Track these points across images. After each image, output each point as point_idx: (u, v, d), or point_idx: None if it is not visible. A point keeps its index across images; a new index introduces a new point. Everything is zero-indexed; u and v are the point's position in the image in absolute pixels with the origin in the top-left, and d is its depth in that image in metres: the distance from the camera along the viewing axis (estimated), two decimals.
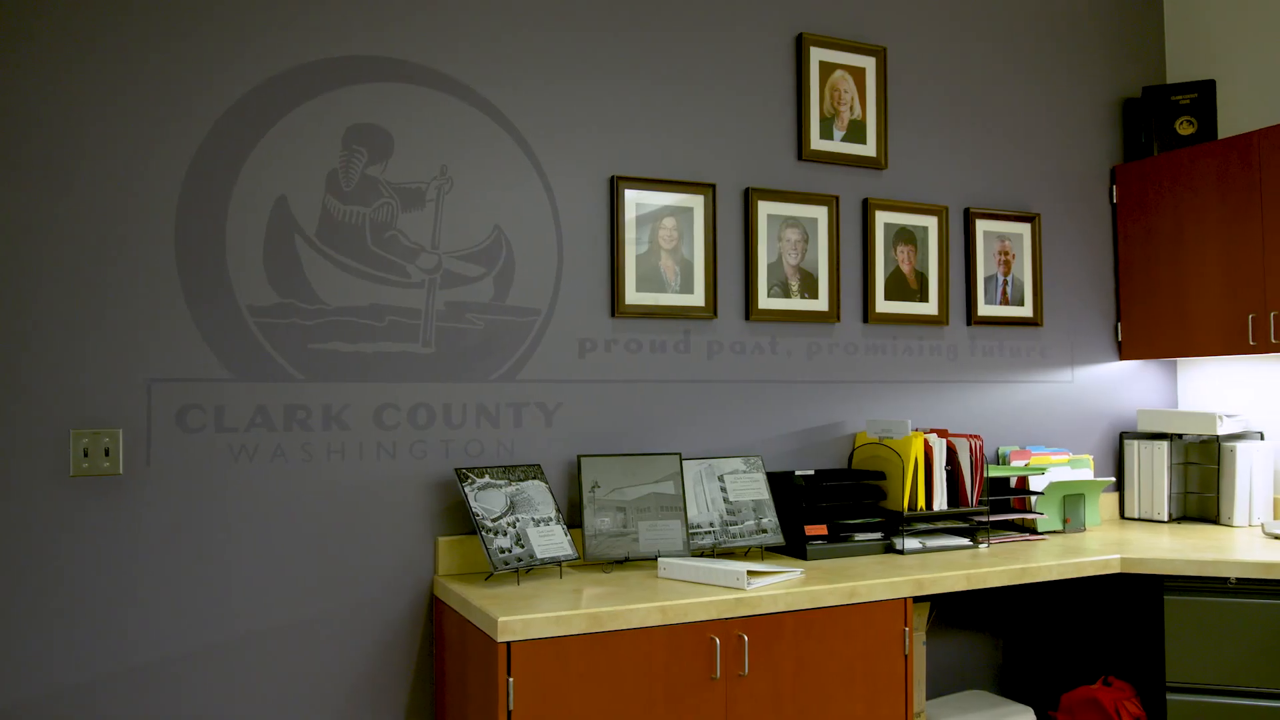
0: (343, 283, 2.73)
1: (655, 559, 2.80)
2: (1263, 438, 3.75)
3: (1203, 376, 4.07)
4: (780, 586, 2.56)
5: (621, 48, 3.12)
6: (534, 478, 2.80)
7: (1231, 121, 3.99)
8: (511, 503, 2.70)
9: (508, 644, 2.23)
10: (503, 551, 2.59)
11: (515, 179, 2.95)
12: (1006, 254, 3.75)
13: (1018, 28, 3.87)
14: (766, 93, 3.35)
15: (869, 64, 3.51)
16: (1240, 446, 3.64)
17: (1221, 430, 3.65)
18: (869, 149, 3.49)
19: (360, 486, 2.73)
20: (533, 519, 2.70)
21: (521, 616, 2.25)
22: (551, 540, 2.69)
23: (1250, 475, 3.63)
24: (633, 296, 3.07)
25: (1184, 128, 3.97)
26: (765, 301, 3.27)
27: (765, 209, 3.29)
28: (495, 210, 2.92)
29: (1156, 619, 3.08)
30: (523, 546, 2.63)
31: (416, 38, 2.85)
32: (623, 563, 2.86)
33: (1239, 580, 2.98)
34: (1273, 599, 2.97)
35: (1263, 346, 3.48)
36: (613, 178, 3.07)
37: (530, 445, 2.94)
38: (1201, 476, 3.78)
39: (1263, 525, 3.50)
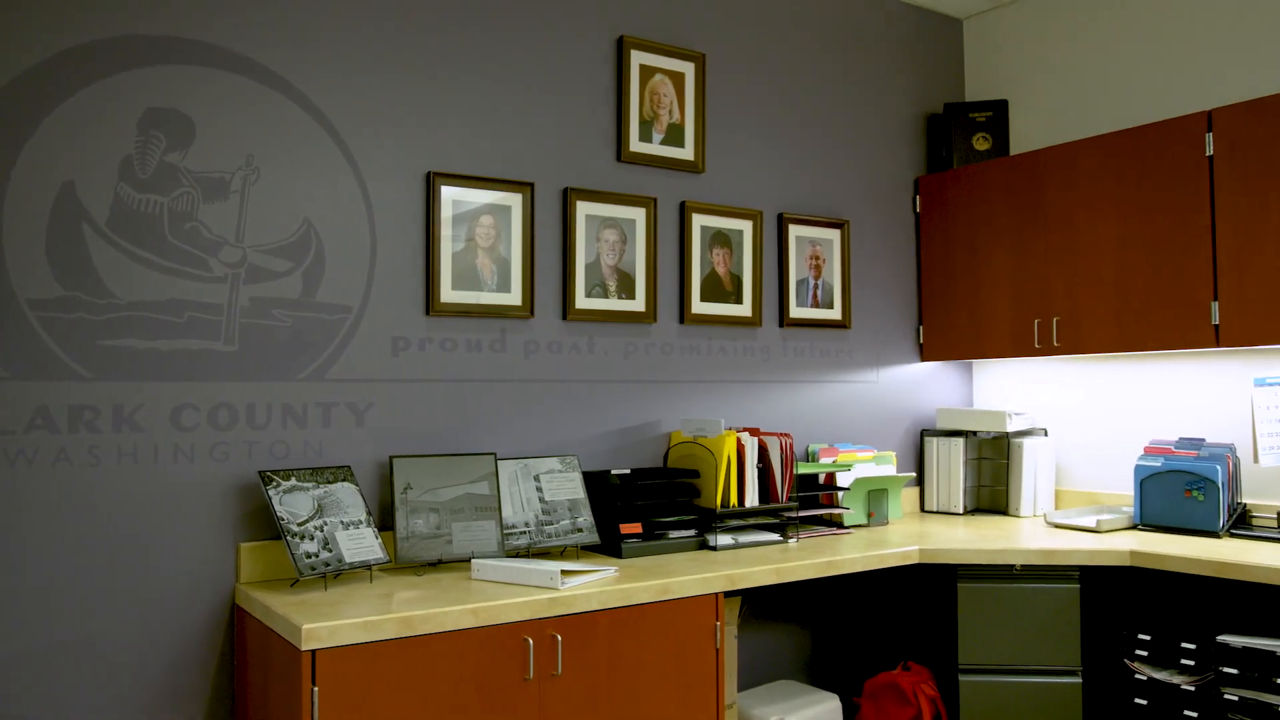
0: (137, 275, 2.57)
1: (469, 560, 2.76)
2: (1046, 434, 4.03)
3: (995, 377, 4.33)
4: (594, 585, 2.58)
5: (442, 45, 3.07)
6: (344, 480, 2.72)
7: (1022, 139, 4.27)
8: (319, 506, 2.61)
9: (312, 652, 2.16)
10: (309, 556, 2.51)
11: (327, 172, 2.86)
12: (818, 259, 3.89)
13: (830, 43, 4.02)
14: (587, 94, 3.36)
15: (688, 69, 3.57)
16: (1027, 442, 3.89)
17: (1011, 427, 3.89)
18: (687, 152, 3.55)
19: (155, 492, 2.58)
20: (342, 522, 2.62)
21: (328, 623, 2.18)
22: (361, 544, 2.62)
23: (1035, 469, 3.89)
24: (448, 295, 3.02)
25: (980, 143, 4.21)
26: (583, 301, 3.29)
27: (584, 209, 3.30)
28: (305, 203, 2.82)
29: (951, 605, 3.26)
30: (331, 551, 2.55)
31: (224, 20, 2.71)
32: (436, 565, 2.82)
33: (1023, 567, 3.19)
34: (1052, 583, 3.19)
35: (1046, 349, 3.74)
36: (429, 174, 3.01)
37: (340, 446, 2.85)
38: (993, 471, 4.03)
39: (1045, 515, 3.75)
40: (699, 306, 3.56)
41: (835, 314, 3.94)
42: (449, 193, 3.04)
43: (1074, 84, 4.12)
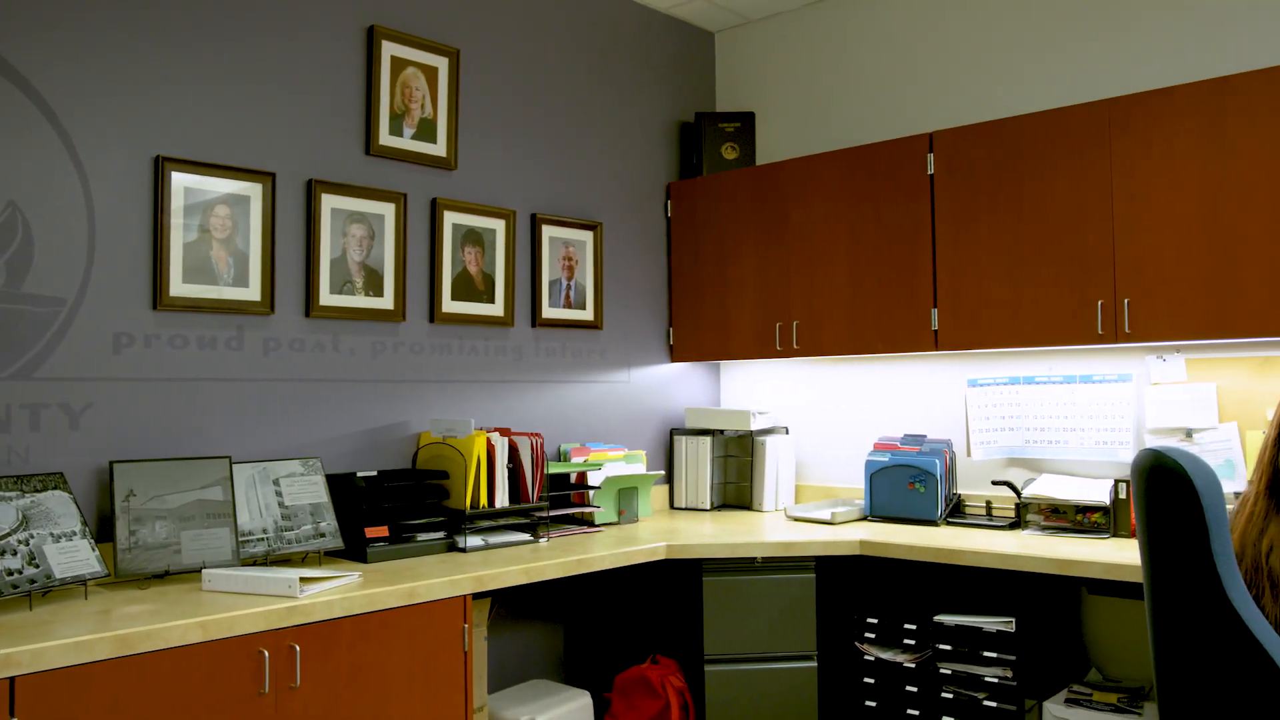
0: None
1: (200, 571, 2.59)
2: (787, 432, 4.24)
3: (741, 377, 4.51)
4: (336, 592, 2.48)
5: (177, 22, 2.86)
6: (55, 488, 2.49)
7: (768, 150, 4.47)
8: (24, 517, 2.38)
9: (10, 680, 1.96)
10: (10, 574, 2.28)
11: (37, 151, 2.61)
12: (571, 260, 3.92)
13: (588, 47, 4.06)
14: (335, 84, 3.24)
15: (442, 64, 3.51)
16: (769, 440, 4.08)
17: (755, 426, 4.06)
18: (439, 149, 3.49)
19: None
20: (52, 534, 2.40)
21: (30, 647, 1.98)
22: (75, 557, 2.41)
23: (777, 465, 4.08)
24: (179, 288, 2.83)
25: (729, 152, 4.37)
26: (327, 298, 3.16)
27: (329, 202, 3.18)
28: (9, 185, 2.56)
29: (697, 599, 3.36)
30: (37, 566, 2.33)
31: None
32: (164, 577, 2.63)
33: (764, 559, 3.33)
34: (790, 574, 3.35)
35: (787, 351, 3.93)
36: (158, 158, 2.81)
37: (51, 452, 2.61)
38: (739, 468, 4.19)
39: (786, 509, 3.94)
40: (450, 305, 3.50)
41: (588, 315, 3.98)
42: (181, 179, 2.85)
43: (816, 100, 4.36)
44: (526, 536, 3.26)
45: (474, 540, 3.12)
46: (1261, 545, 2.22)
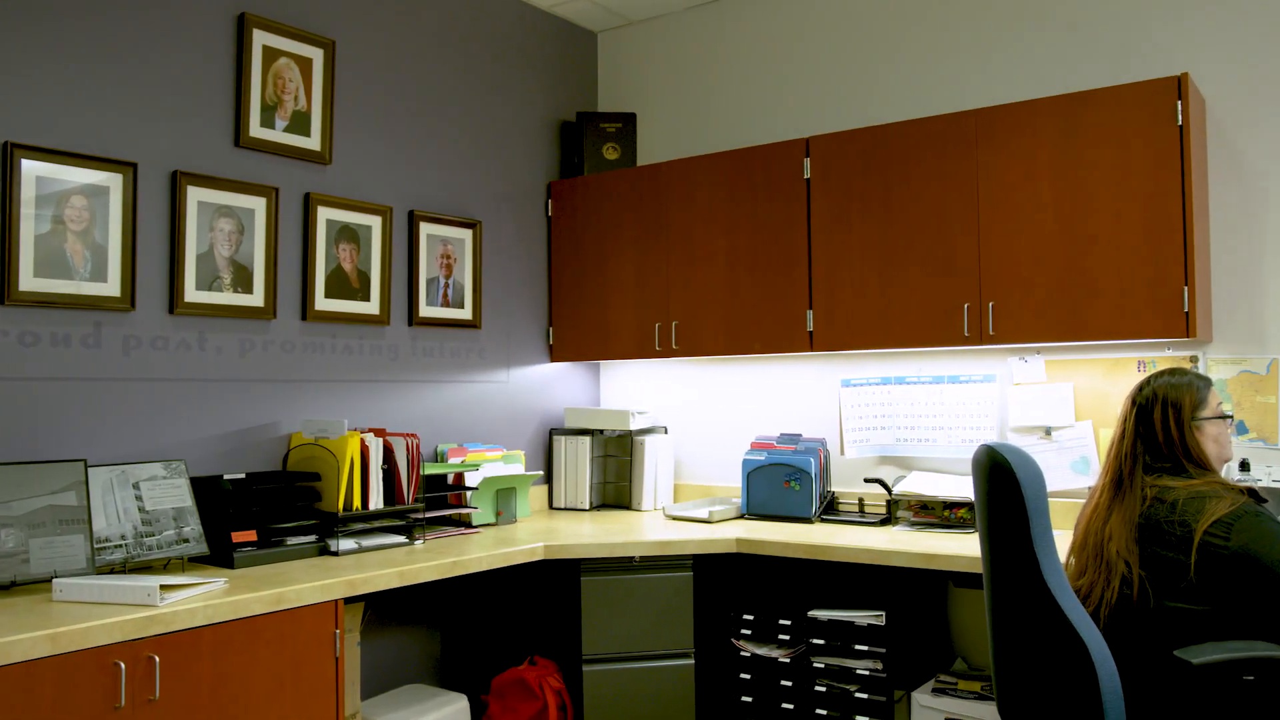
0: None
1: (51, 581, 2.46)
2: (667, 432, 4.27)
3: (620, 377, 4.52)
4: (199, 599, 2.39)
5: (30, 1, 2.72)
6: None
7: (649, 151, 4.49)
8: None
9: None
10: None
11: None
12: (449, 258, 3.87)
13: (468, 44, 4.01)
14: (203, 72, 3.12)
15: (317, 56, 3.42)
16: (648, 440, 4.10)
17: (634, 426, 4.08)
18: (313, 142, 3.40)
19: None
20: None
21: None
22: None
23: (656, 465, 4.10)
24: (29, 282, 2.68)
25: (610, 153, 4.38)
26: (193, 294, 3.04)
27: (196, 195, 3.06)
28: None
29: (575, 599, 3.35)
30: None
31: None
32: (10, 588, 2.49)
33: (642, 558, 3.34)
34: (668, 572, 3.37)
35: (666, 351, 3.95)
36: (7, 145, 2.66)
37: None
38: (618, 468, 4.20)
39: (664, 509, 3.96)
40: (323, 303, 3.41)
41: (466, 314, 3.93)
42: (32, 168, 2.70)
43: (697, 102, 4.40)
44: (401, 539, 3.20)
45: (347, 543, 3.04)
46: (1103, 534, 2.34)
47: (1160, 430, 2.38)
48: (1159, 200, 3.01)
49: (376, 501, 3.19)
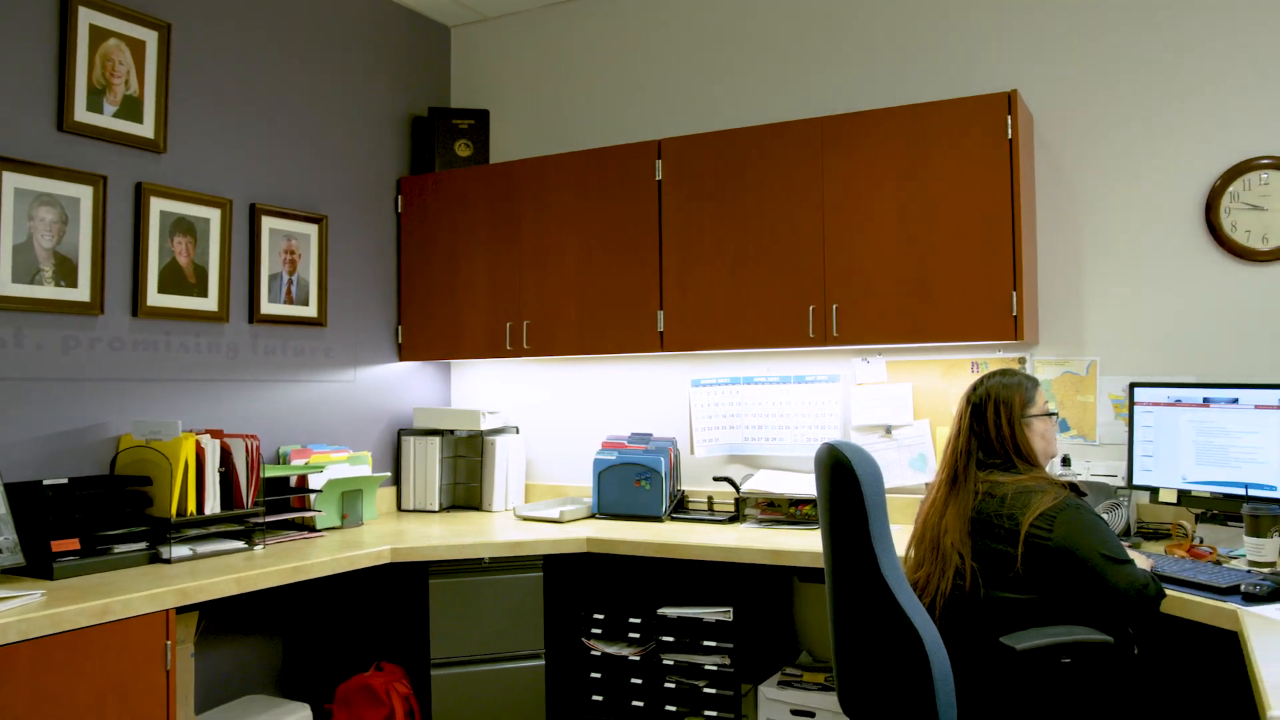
0: None
1: None
2: (518, 432, 4.24)
3: (471, 377, 4.47)
4: (13, 613, 2.24)
5: None
6: None
7: (502, 149, 4.45)
8: None
9: None
10: None
11: None
12: (293, 253, 3.74)
13: (316, 33, 3.88)
14: (22, 49, 2.92)
15: (151, 38, 3.25)
16: (499, 440, 4.06)
17: (485, 426, 4.03)
18: (146, 129, 3.23)
19: None
20: None
21: None
22: None
23: (507, 465, 4.07)
24: None
25: (462, 149, 4.32)
26: (9, 288, 2.84)
27: (13, 181, 2.86)
28: None
29: (423, 602, 3.29)
30: None
31: None
32: None
33: (492, 560, 3.31)
34: (518, 573, 3.34)
35: (518, 351, 3.93)
36: None
37: None
38: (468, 468, 4.15)
39: (515, 509, 3.93)
40: (156, 299, 3.25)
41: (311, 311, 3.81)
42: None
43: (551, 101, 4.38)
44: (240, 544, 3.08)
45: (180, 550, 2.91)
46: (939, 528, 2.44)
47: (993, 427, 2.50)
48: (991, 210, 3.15)
49: (213, 506, 3.05)
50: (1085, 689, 2.31)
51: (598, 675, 3.41)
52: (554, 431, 4.27)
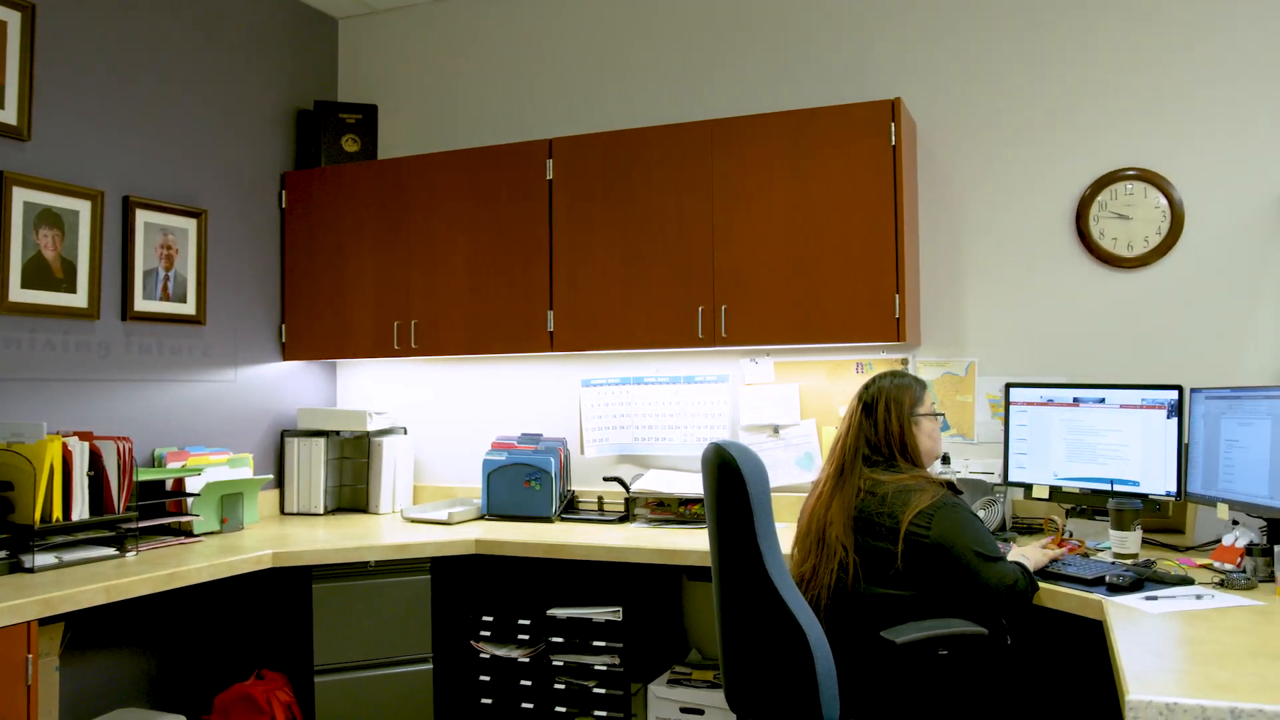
0: None
1: None
2: (406, 432, 4.17)
3: (358, 377, 4.38)
4: None
5: None
6: None
7: (390, 145, 4.37)
8: None
9: None
10: None
11: None
12: (170, 248, 3.61)
13: (197, 20, 3.75)
14: None
15: (13, 19, 3.09)
16: (387, 441, 3.99)
17: (372, 426, 3.96)
18: (8, 115, 3.07)
19: None
20: None
21: None
22: None
23: (395, 467, 4.00)
24: None
25: (350, 144, 4.23)
26: None
27: None
28: None
29: (307, 607, 3.21)
30: None
31: None
32: None
33: (378, 563, 3.25)
34: (405, 576, 3.29)
35: (405, 351, 3.86)
36: None
37: None
38: (354, 470, 4.07)
39: (402, 511, 3.87)
40: (20, 294, 3.09)
41: (189, 309, 3.68)
42: None
43: (441, 97, 4.32)
44: (111, 551, 2.95)
45: (44, 559, 2.77)
46: (825, 520, 2.50)
47: (882, 425, 2.56)
48: (875, 214, 3.23)
49: (81, 511, 2.92)
50: (962, 679, 2.38)
51: (487, 678, 3.38)
52: (443, 432, 4.21)
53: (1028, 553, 2.62)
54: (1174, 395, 2.89)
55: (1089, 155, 3.38)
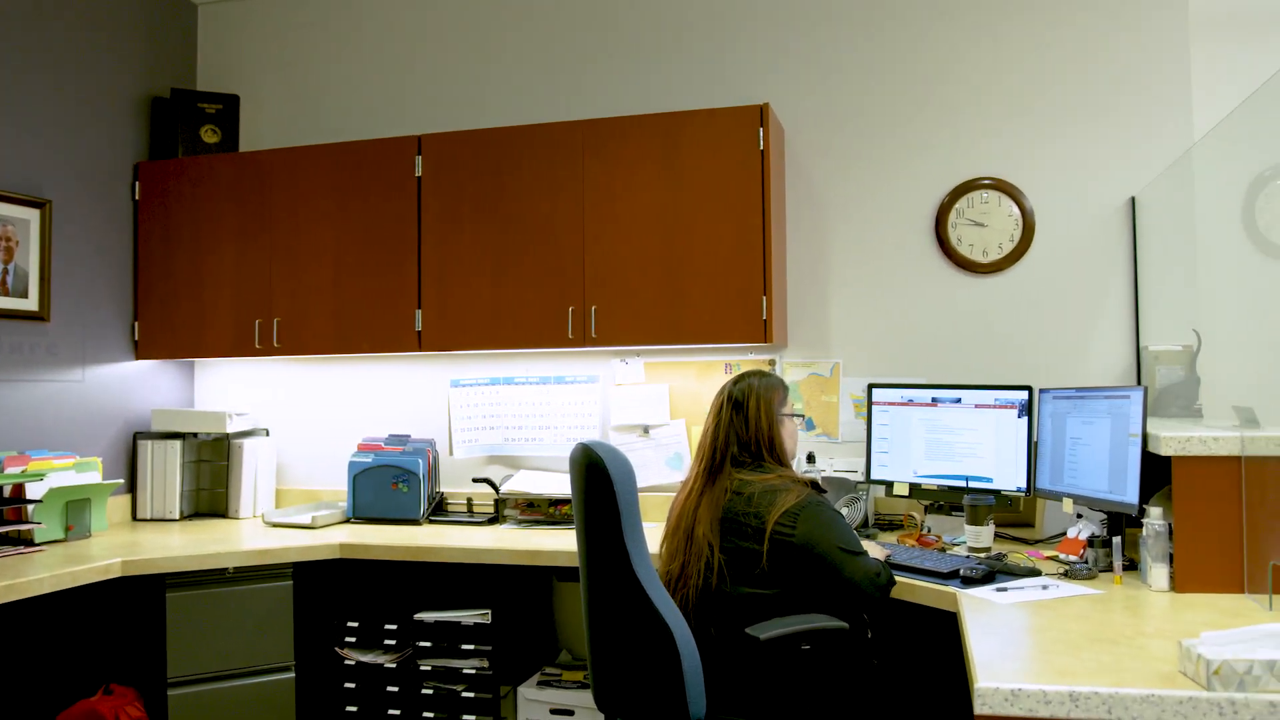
0: None
1: None
2: (268, 434, 4.04)
3: (218, 377, 4.22)
4: None
5: None
6: None
7: (253, 137, 4.23)
8: None
9: None
10: None
11: None
12: (9, 240, 3.41)
13: (39, 2, 3.56)
14: None
15: None
16: (247, 443, 3.86)
17: (231, 428, 3.82)
18: None
19: None
20: None
21: None
22: None
23: (256, 470, 3.87)
24: None
25: (209, 135, 4.08)
26: None
27: None
28: None
29: (160, 617, 3.08)
30: None
31: None
32: None
33: (236, 569, 3.14)
34: (266, 582, 3.19)
35: (268, 350, 3.74)
36: None
37: None
38: (213, 473, 3.92)
39: (264, 515, 3.75)
40: None
41: (31, 304, 3.48)
42: None
43: (307, 90, 4.20)
44: None
45: None
46: (693, 519, 2.52)
47: (752, 422, 2.59)
48: (745, 217, 3.28)
49: None
50: (825, 672, 2.43)
51: (352, 685, 3.30)
52: (308, 434, 4.09)
53: (871, 550, 2.70)
54: (1024, 395, 3.02)
55: (948, 164, 3.50)
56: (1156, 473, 2.46)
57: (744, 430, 2.60)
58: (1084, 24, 3.40)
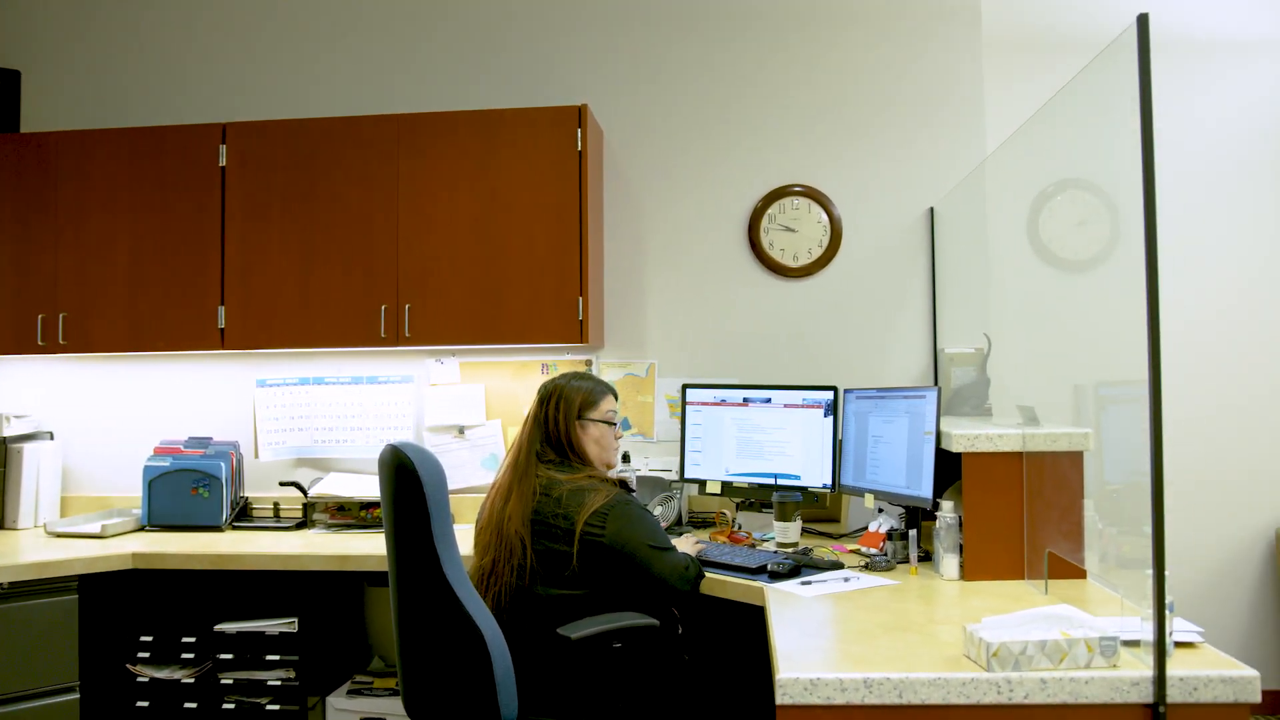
0: None
1: None
2: (53, 437, 3.77)
3: None
4: None
5: None
6: None
7: (36, 118, 3.93)
8: None
9: None
10: None
11: None
12: None
13: None
14: None
15: None
16: (28, 447, 3.59)
17: (9, 431, 3.56)
18: None
19: None
20: None
21: None
22: None
23: (37, 476, 3.61)
24: None
25: None
26: None
27: None
28: None
29: None
30: None
31: None
32: None
33: (11, 584, 2.91)
34: (48, 597, 2.97)
35: (52, 347, 3.50)
36: None
37: None
38: None
39: (46, 525, 3.49)
40: None
41: None
42: None
43: (101, 70, 3.94)
44: None
45: None
46: (504, 514, 2.51)
47: (552, 421, 2.61)
48: (561, 217, 3.28)
49: None
50: (636, 669, 2.46)
51: (145, 703, 3.12)
52: (99, 437, 3.84)
53: (680, 545, 2.76)
54: (830, 395, 3.13)
55: (761, 171, 3.61)
56: (950, 468, 2.60)
57: (545, 428, 2.62)
58: (887, 44, 3.57)
